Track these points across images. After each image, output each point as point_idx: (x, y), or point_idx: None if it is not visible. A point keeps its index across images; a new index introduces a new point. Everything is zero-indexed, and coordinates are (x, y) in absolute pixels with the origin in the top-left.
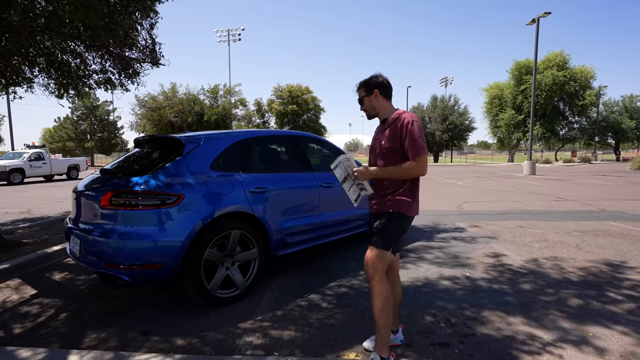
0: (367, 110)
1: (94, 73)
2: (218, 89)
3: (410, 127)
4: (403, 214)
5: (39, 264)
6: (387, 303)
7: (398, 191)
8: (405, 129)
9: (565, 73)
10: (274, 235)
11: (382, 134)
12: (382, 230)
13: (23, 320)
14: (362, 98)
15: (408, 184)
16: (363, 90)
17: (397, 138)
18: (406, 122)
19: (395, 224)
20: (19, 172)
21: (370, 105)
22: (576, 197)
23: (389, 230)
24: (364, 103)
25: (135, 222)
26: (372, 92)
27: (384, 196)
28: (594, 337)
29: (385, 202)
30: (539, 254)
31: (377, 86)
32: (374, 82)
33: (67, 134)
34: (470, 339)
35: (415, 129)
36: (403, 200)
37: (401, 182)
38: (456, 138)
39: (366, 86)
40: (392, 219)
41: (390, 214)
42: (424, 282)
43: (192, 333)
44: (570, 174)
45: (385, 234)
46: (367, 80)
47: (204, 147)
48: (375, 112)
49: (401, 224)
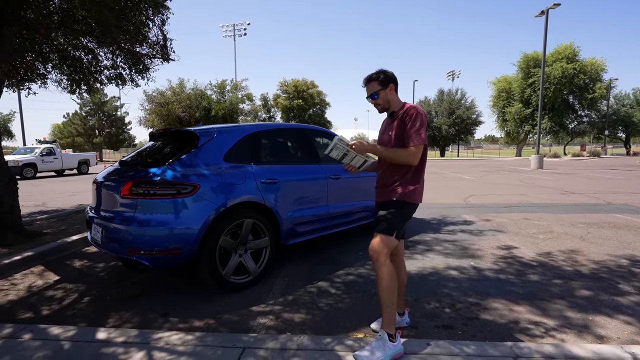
0: (382, 104)
1: (105, 69)
2: (225, 84)
3: (414, 117)
4: (406, 201)
5: (59, 252)
6: (392, 283)
7: (401, 180)
8: (409, 119)
9: (575, 66)
10: (284, 225)
11: (390, 126)
12: (386, 217)
13: (50, 303)
14: (377, 92)
15: (411, 173)
16: (377, 84)
17: (401, 128)
18: (411, 113)
19: (399, 211)
20: (32, 167)
21: (386, 98)
22: (583, 190)
23: (392, 216)
24: (379, 97)
25: (154, 211)
26: (388, 86)
27: (388, 185)
28: (595, 324)
29: (390, 191)
30: (543, 244)
31: (392, 80)
32: (389, 76)
33: (76, 130)
34: (473, 322)
35: (418, 120)
36: (406, 188)
37: (404, 171)
38: (463, 132)
39: (381, 80)
40: (395, 207)
41: (394, 202)
42: (431, 271)
43: (209, 315)
44: (578, 168)
45: (388, 220)
46: (380, 74)
47: (218, 139)
48: (388, 106)
49: (405, 211)
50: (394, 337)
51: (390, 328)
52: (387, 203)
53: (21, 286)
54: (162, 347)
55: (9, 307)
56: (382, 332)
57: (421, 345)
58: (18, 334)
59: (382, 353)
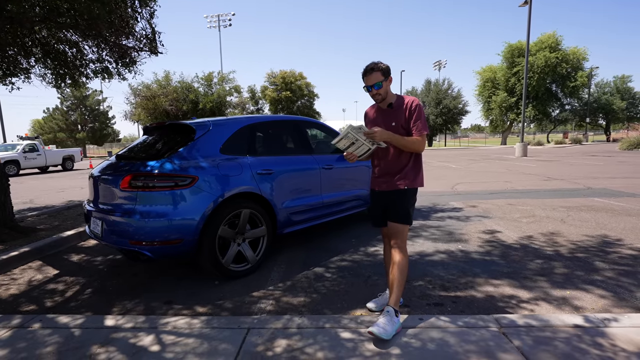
0: (382, 94)
1: (90, 62)
2: (212, 77)
3: (419, 109)
4: (416, 188)
5: (56, 247)
6: (407, 266)
7: (407, 167)
8: (414, 110)
9: (557, 55)
10: (280, 214)
11: (391, 117)
12: (406, 209)
13: (52, 295)
14: (380, 82)
15: (413, 161)
16: (381, 74)
17: (405, 118)
18: (415, 104)
19: (412, 199)
20: (14, 164)
21: (386, 89)
22: (565, 176)
23: (410, 206)
24: (382, 87)
25: (153, 202)
26: (388, 77)
27: (394, 173)
28: (572, 298)
29: (399, 179)
30: (526, 228)
31: (389, 72)
32: (388, 68)
33: (57, 125)
34: (461, 299)
35: (422, 111)
36: (416, 175)
37: (408, 158)
38: (450, 122)
39: (384, 70)
40: (409, 195)
41: (407, 190)
42: (421, 255)
43: (211, 301)
44: (561, 155)
45: (408, 211)
46: (382, 64)
47: (213, 132)
48: (386, 96)
49: (415, 197)
50: (398, 313)
51: (397, 305)
52: (397, 192)
53: (21, 281)
54: (170, 330)
55: (11, 301)
56: (390, 309)
57: (414, 320)
58: (27, 324)
59: (391, 327)
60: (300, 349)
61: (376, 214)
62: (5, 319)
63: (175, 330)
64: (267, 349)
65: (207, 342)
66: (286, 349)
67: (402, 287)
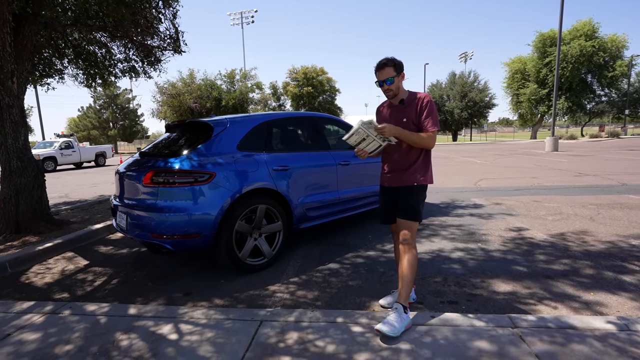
0: (394, 90)
1: (118, 62)
2: (234, 74)
3: (431, 105)
4: (426, 184)
5: (86, 239)
6: (417, 263)
7: (417, 163)
8: (426, 106)
9: (593, 43)
10: (296, 210)
11: (402, 113)
12: (416, 206)
13: (82, 284)
14: (392, 77)
15: (423, 157)
16: (393, 70)
17: (416, 114)
18: (427, 101)
19: (422, 196)
20: (52, 160)
21: (397, 85)
22: (598, 172)
23: (420, 203)
24: (393, 82)
25: (174, 198)
26: (400, 73)
27: (404, 169)
28: (597, 300)
29: (409, 175)
30: (552, 226)
31: (403, 68)
32: (401, 64)
33: (91, 123)
34: (477, 298)
35: (434, 107)
36: (426, 172)
37: (418, 154)
38: (476, 115)
39: (397, 66)
40: (419, 192)
41: (417, 187)
42: (438, 252)
43: (228, 294)
44: (595, 150)
45: (418, 208)
46: (395, 60)
47: (231, 129)
48: (398, 92)
49: (425, 193)
50: (407, 309)
51: (406, 302)
52: (407, 189)
53: (55, 270)
54: (188, 320)
55: (46, 289)
56: (399, 305)
57: (425, 317)
58: (59, 310)
59: (400, 324)
60: (311, 341)
61: (385, 211)
62: (39, 305)
63: (192, 320)
64: (278, 340)
65: (222, 332)
66: (297, 341)
67: (411, 284)
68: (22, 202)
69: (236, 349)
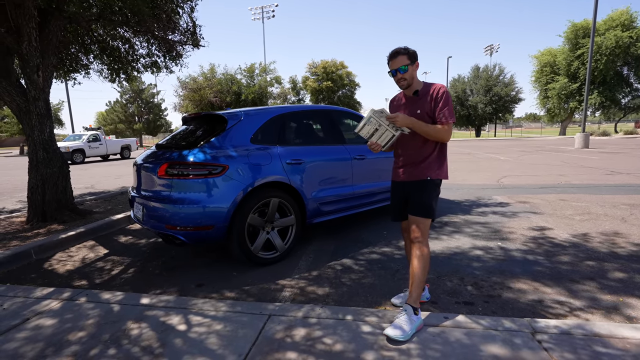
0: (408, 79)
1: (141, 57)
2: (254, 68)
3: (446, 96)
4: (441, 179)
5: (107, 229)
6: (429, 262)
7: (432, 157)
8: (441, 97)
9: (631, 34)
10: (309, 204)
11: (417, 104)
12: (429, 202)
13: (100, 272)
14: (406, 66)
15: (438, 150)
16: (407, 58)
17: (431, 106)
18: (442, 92)
19: (436, 191)
20: (80, 152)
21: (412, 74)
22: (632, 170)
23: (433, 199)
24: (407, 71)
25: (187, 190)
26: (415, 62)
27: (417, 163)
28: (626, 306)
29: (422, 169)
30: (579, 226)
31: (417, 57)
32: (415, 53)
33: (117, 117)
34: (495, 299)
35: (449, 99)
36: (441, 166)
37: (432, 148)
38: (501, 110)
39: (410, 54)
40: (433, 187)
41: (431, 181)
42: (456, 250)
43: (239, 286)
44: (629, 147)
45: (431, 204)
46: (409, 49)
47: (244, 122)
48: (412, 82)
49: (439, 189)
50: (417, 310)
51: (417, 302)
52: (420, 183)
53: (76, 258)
54: (197, 312)
55: (67, 276)
56: (408, 307)
57: (438, 319)
58: (75, 297)
59: (410, 326)
60: (319, 338)
61: (396, 207)
62: (58, 292)
63: (201, 312)
64: (285, 336)
65: (230, 325)
66: (304, 337)
67: (422, 285)
68: (48, 191)
69: (243, 342)
